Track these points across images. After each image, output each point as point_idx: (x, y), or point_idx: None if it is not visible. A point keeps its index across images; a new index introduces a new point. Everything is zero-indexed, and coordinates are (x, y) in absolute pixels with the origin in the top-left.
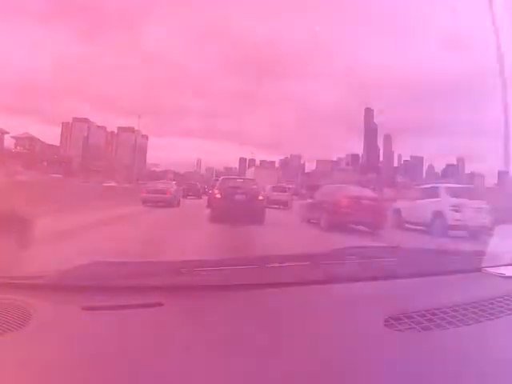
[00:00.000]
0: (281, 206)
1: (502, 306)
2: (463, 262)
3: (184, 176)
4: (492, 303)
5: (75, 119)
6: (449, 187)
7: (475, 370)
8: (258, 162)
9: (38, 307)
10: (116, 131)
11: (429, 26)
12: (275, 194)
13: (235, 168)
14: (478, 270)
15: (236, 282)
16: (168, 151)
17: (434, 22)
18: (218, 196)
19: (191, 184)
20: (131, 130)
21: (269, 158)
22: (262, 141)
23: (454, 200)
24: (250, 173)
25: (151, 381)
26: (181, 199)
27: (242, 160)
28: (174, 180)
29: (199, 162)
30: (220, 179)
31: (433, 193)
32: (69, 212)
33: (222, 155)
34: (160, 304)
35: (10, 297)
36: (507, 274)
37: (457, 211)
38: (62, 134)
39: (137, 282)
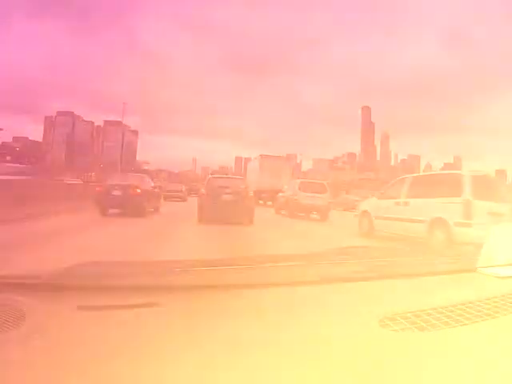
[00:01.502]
0: (315, 215)
1: (498, 307)
2: (458, 262)
3: (179, 175)
4: (488, 303)
5: (59, 113)
6: None
7: (471, 370)
8: None
9: (33, 307)
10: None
11: (428, 22)
12: (307, 195)
13: (231, 167)
14: (473, 270)
15: (232, 282)
16: (162, 150)
17: (433, 17)
18: (205, 196)
19: (193, 185)
20: (119, 123)
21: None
22: (258, 139)
23: None
24: (253, 165)
25: (146, 381)
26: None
27: (238, 159)
28: (168, 179)
29: (194, 160)
30: (208, 178)
31: None
32: None
33: (217, 154)
34: (155, 304)
35: (4, 296)
36: (503, 275)
37: None
38: (44, 129)
39: (132, 282)
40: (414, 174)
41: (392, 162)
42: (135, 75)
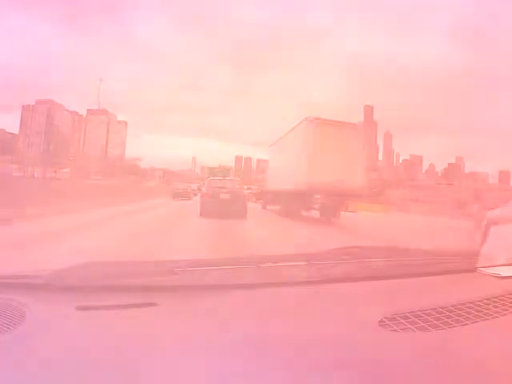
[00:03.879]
0: None
1: (498, 307)
2: (458, 263)
3: (177, 174)
4: (487, 303)
5: (38, 101)
6: None
7: (471, 370)
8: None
9: (33, 307)
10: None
11: (433, 18)
12: None
13: (230, 166)
14: (474, 270)
15: (231, 282)
16: (160, 148)
17: (438, 13)
18: (206, 195)
19: (199, 185)
20: (104, 112)
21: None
22: (258, 139)
23: None
24: (289, 142)
25: (145, 381)
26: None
27: (238, 158)
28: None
29: (194, 159)
30: (208, 180)
31: None
32: None
33: (217, 153)
34: (154, 304)
35: (4, 296)
36: (503, 274)
37: None
38: (21, 119)
39: (131, 282)
40: None
41: (394, 162)
42: (133, 73)
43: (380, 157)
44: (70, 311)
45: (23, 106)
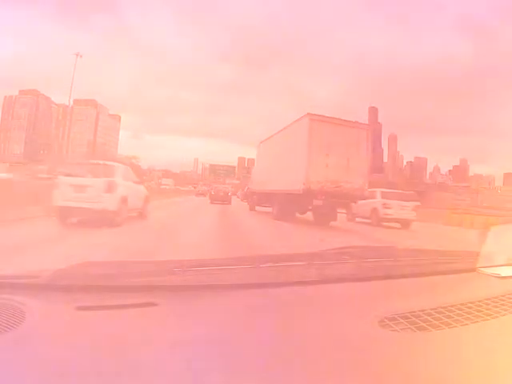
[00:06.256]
0: None
1: (498, 307)
2: (458, 262)
3: (179, 175)
4: (487, 303)
5: (22, 92)
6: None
7: (471, 370)
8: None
9: (33, 307)
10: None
11: (437, 17)
12: None
13: (234, 167)
14: (474, 270)
15: (231, 282)
16: (163, 149)
17: (444, 11)
18: (212, 192)
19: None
20: (93, 104)
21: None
22: (261, 139)
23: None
24: (294, 133)
25: (145, 381)
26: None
27: (241, 159)
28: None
29: (196, 161)
30: (213, 186)
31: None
32: None
33: (220, 155)
34: (154, 304)
35: (4, 296)
36: (503, 275)
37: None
38: (3, 112)
39: (130, 282)
40: None
41: (399, 165)
42: (133, 72)
43: (385, 159)
44: (70, 311)
45: (5, 97)
